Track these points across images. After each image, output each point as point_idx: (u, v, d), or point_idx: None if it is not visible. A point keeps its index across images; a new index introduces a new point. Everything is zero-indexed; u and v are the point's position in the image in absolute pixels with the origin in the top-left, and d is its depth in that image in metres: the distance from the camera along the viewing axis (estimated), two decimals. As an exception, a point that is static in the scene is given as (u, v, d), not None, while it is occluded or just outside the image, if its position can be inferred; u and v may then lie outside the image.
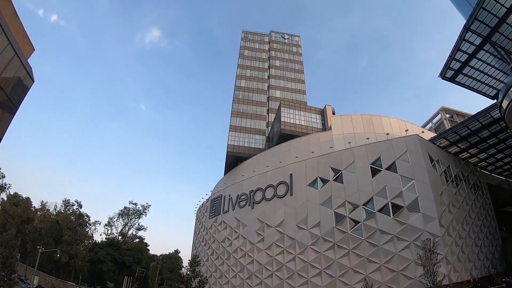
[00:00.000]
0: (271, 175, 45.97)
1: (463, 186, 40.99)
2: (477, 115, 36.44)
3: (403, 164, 36.18)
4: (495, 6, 28.71)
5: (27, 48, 22.94)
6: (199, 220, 65.45)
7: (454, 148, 40.98)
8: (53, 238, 65.76)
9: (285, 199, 42.68)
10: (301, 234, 39.34)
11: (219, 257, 51.28)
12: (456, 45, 33.01)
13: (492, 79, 34.30)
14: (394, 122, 51.13)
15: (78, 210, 76.08)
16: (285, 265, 39.88)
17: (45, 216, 73.71)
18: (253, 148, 64.74)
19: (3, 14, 18.46)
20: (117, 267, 71.48)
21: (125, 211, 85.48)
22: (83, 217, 76.03)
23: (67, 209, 75.72)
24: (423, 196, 34.08)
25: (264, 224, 43.80)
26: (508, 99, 30.59)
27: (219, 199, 54.94)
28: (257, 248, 43.85)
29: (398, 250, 33.33)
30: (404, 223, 33.77)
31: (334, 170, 39.64)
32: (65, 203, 76.54)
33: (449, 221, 34.76)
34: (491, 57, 34.37)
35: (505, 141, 40.50)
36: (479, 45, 32.84)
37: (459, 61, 34.63)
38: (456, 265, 33.38)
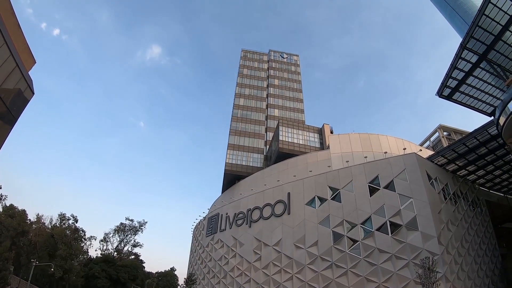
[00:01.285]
0: (269, 194, 45.86)
1: (462, 204, 40.81)
2: (474, 132, 36.41)
3: (401, 183, 36.16)
4: (490, 24, 29.29)
5: (29, 61, 23.21)
6: (195, 238, 64.92)
7: (452, 165, 40.92)
8: (47, 252, 64.81)
9: (282, 218, 42.45)
10: (298, 253, 38.97)
11: (216, 276, 50.66)
12: (452, 63, 33.50)
13: (489, 96, 34.72)
14: (392, 140, 51.38)
15: (74, 225, 75.33)
16: (282, 284, 39.34)
17: (40, 229, 72.72)
18: (251, 166, 64.78)
19: (6, 26, 18.77)
20: (112, 283, 70.31)
21: (121, 227, 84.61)
22: (78, 232, 75.22)
23: (62, 223, 74.93)
24: (422, 214, 33.95)
25: (262, 243, 43.43)
26: (505, 115, 30.68)
27: (216, 217, 54.62)
28: (254, 267, 43.34)
29: (397, 269, 33.01)
30: (403, 241, 33.55)
31: (332, 189, 39.61)
32: (60, 217, 75.79)
33: (448, 239, 34.52)
34: (487, 75, 34.86)
35: (502, 158, 40.43)
36: (476, 62, 33.37)
37: (456, 79, 35.10)
38: (455, 283, 32.92)
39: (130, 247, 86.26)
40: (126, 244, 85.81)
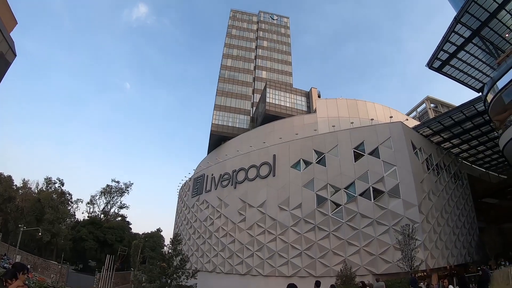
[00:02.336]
0: (255, 156, 45.91)
1: (444, 175, 41.73)
2: (461, 106, 36.86)
3: (386, 150, 36.49)
4: (486, 1, 28.85)
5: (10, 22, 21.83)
6: (181, 199, 65.41)
7: (437, 137, 41.57)
8: (35, 216, 64.82)
9: (267, 180, 42.77)
10: (282, 215, 39.64)
11: (201, 236, 51.57)
12: (445, 36, 33.19)
13: (479, 73, 34.78)
14: (379, 108, 51.44)
15: (60, 188, 75.02)
16: (266, 245, 40.29)
17: (27, 194, 72.22)
18: (237, 128, 64.37)
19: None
20: (99, 245, 71.18)
21: (107, 189, 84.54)
22: (65, 195, 75.05)
23: (49, 187, 74.49)
24: (404, 182, 34.57)
25: (246, 204, 43.99)
26: (493, 93, 31.23)
27: (201, 178, 54.84)
28: (239, 228, 44.15)
29: (378, 234, 33.95)
30: (385, 208, 34.34)
31: (318, 153, 39.74)
32: (47, 181, 75.25)
33: (428, 209, 35.48)
34: (479, 51, 34.78)
35: (487, 134, 41.27)
36: (468, 37, 33.16)
37: (447, 52, 34.90)
38: (433, 252, 34.23)
39: (116, 209, 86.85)
40: (113, 206, 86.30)
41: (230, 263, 44.40)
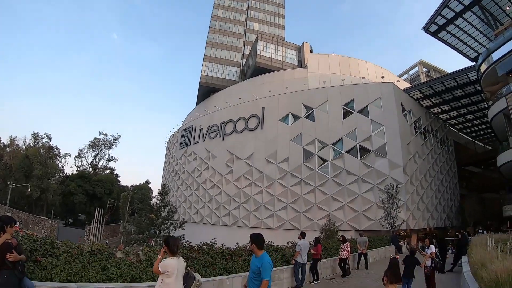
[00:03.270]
0: (243, 108, 45.43)
1: (431, 140, 42.28)
2: (454, 73, 36.88)
3: (375, 110, 36.46)
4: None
5: None
6: (169, 151, 65.50)
7: (426, 101, 41.72)
8: (23, 173, 64.16)
9: (255, 133, 42.66)
10: (269, 168, 39.99)
11: (189, 188, 52.18)
12: (444, 1, 32.36)
13: (474, 42, 34.47)
14: (371, 67, 50.90)
15: (48, 143, 73.72)
16: (253, 197, 40.98)
17: (15, 151, 71.24)
18: (227, 79, 63.23)
19: None
20: (88, 199, 71.41)
21: (95, 142, 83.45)
22: (53, 150, 73.89)
23: (36, 143, 73.21)
24: (391, 143, 34.94)
25: (234, 156, 44.11)
26: (487, 63, 31.38)
27: (190, 130, 54.54)
28: (226, 180, 44.61)
29: (362, 191, 34.72)
30: (370, 166, 34.89)
31: (307, 108, 39.47)
32: (34, 136, 73.79)
33: (413, 170, 36.22)
34: (477, 20, 34.25)
35: (477, 104, 41.85)
36: (468, 5, 32.60)
37: (445, 17, 34.27)
38: (415, 213, 35.39)
39: (105, 161, 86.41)
40: (101, 159, 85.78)
41: (217, 215, 45.35)
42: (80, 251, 6.91)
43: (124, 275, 7.13)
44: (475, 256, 10.69)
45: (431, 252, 10.32)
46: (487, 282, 6.89)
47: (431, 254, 10.24)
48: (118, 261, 7.29)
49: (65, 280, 6.34)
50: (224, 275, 9.22)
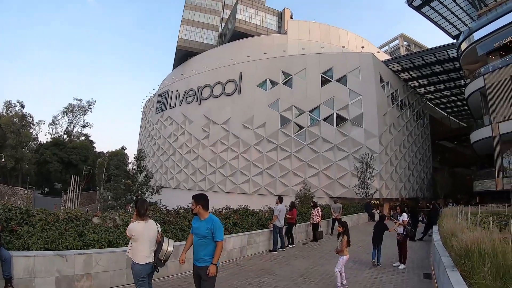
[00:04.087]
0: (221, 73, 44.63)
1: (407, 112, 42.88)
2: (434, 49, 37.43)
3: (353, 79, 36.49)
4: None
5: None
6: (145, 116, 64.38)
7: (405, 74, 42.15)
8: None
9: (232, 98, 42.23)
10: (246, 133, 39.94)
11: (165, 153, 51.85)
12: None
13: (457, 20, 34.56)
14: (352, 37, 50.67)
15: (21, 111, 70.47)
16: (229, 162, 41.05)
17: None
18: (205, 43, 61.42)
19: None
20: (64, 167, 69.64)
21: (69, 108, 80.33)
22: (26, 118, 70.70)
23: (9, 111, 69.87)
24: (368, 113, 35.26)
25: (210, 121, 43.76)
26: (468, 42, 31.99)
27: (166, 94, 53.55)
28: (202, 145, 44.45)
29: (337, 159, 35.22)
30: (346, 135, 35.28)
31: (285, 74, 39.12)
32: (6, 105, 70.13)
33: (388, 141, 36.93)
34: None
35: (454, 81, 42.78)
36: None
37: None
38: (388, 182, 36.36)
39: (79, 128, 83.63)
40: (76, 126, 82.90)
41: (193, 180, 45.41)
42: (57, 218, 6.78)
43: (102, 241, 7.08)
44: (445, 226, 10.99)
45: (403, 220, 10.55)
46: (457, 251, 7.12)
47: (403, 222, 10.49)
48: (95, 227, 7.21)
49: (42, 248, 6.23)
50: None
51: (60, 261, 5.92)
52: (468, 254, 6.43)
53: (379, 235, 10.34)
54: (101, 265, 6.51)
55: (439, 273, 7.47)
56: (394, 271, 9.52)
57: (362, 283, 8.14)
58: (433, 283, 8.20)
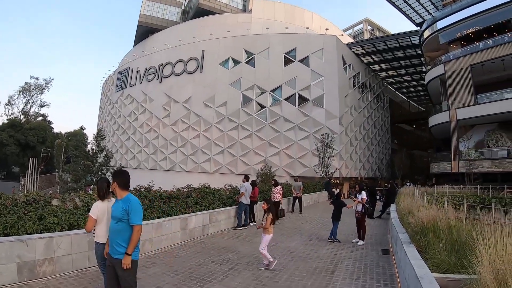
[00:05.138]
0: (183, 50, 43.56)
1: (368, 95, 43.90)
2: (397, 34, 38.55)
3: (316, 60, 36.72)
4: None
5: None
6: (105, 94, 62.14)
7: (367, 58, 43.02)
8: None
9: (194, 76, 41.39)
10: (207, 112, 39.47)
11: (125, 132, 50.52)
12: None
13: (422, 8, 35.14)
14: (316, 18, 50.68)
15: None
16: (190, 141, 40.59)
17: None
18: (167, 20, 59.25)
19: None
20: (21, 149, 66.15)
21: (26, 87, 76.32)
22: None
23: None
24: (329, 94, 35.76)
25: (171, 100, 42.87)
26: (431, 30, 33.15)
27: (126, 72, 51.76)
28: (163, 124, 43.62)
29: (298, 139, 35.63)
30: (308, 115, 35.68)
31: (248, 53, 38.75)
32: None
33: (348, 122, 37.73)
34: None
35: (416, 66, 44.17)
36: None
37: None
38: (348, 162, 37.34)
39: (37, 108, 79.57)
40: (33, 105, 78.84)
41: (154, 159, 44.64)
42: (15, 202, 6.35)
43: (62, 223, 6.74)
44: (403, 205, 11.38)
45: (362, 198, 10.73)
46: (414, 228, 7.36)
47: (362, 200, 10.65)
48: (55, 209, 6.82)
49: (1, 234, 5.85)
50: (162, 218, 9.12)
51: (21, 247, 5.58)
52: (424, 230, 6.66)
53: (338, 212, 10.55)
54: (63, 249, 6.25)
55: (396, 248, 7.74)
56: (354, 247, 9.77)
57: (322, 258, 8.28)
58: (391, 258, 8.44)
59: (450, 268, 4.85)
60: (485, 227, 4.52)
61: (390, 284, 6.25)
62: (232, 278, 6.39)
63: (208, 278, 6.31)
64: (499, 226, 4.38)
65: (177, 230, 9.36)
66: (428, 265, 4.87)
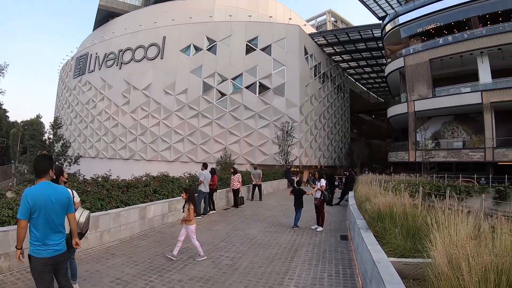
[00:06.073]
0: (143, 36, 42.45)
1: (328, 85, 44.69)
2: (360, 27, 39.41)
3: (278, 49, 36.87)
4: None
5: None
6: (62, 81, 59.63)
7: (329, 49, 43.74)
8: None
9: (154, 62, 40.50)
10: (167, 99, 38.83)
11: (83, 120, 48.90)
12: None
13: (385, 3, 35.88)
14: (280, 7, 50.63)
15: None
16: (149, 129, 39.94)
17: None
18: (128, 4, 56.85)
19: None
20: None
21: None
22: None
23: None
24: (290, 83, 36.08)
25: (131, 86, 41.80)
26: (393, 24, 34.17)
27: (85, 57, 49.89)
28: (122, 111, 42.58)
29: (259, 127, 35.80)
30: (268, 103, 35.85)
31: (209, 40, 38.31)
32: None
33: (309, 111, 38.29)
34: None
35: (376, 59, 45.44)
36: None
37: None
38: (307, 151, 37.96)
39: None
40: None
41: (113, 148, 43.64)
42: None
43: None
44: (360, 192, 11.65)
45: (321, 185, 10.82)
46: (371, 214, 7.51)
47: (321, 187, 10.74)
48: (9, 202, 6.39)
49: None
50: (120, 207, 8.81)
51: None
52: (380, 217, 6.80)
53: (299, 199, 10.61)
54: (19, 243, 5.88)
55: (354, 234, 7.83)
56: (313, 234, 9.85)
57: (282, 244, 8.32)
58: (349, 244, 8.57)
59: (406, 252, 5.01)
60: (439, 213, 4.68)
61: (349, 268, 6.38)
62: (191, 267, 6.34)
63: (168, 268, 6.25)
64: (452, 212, 4.50)
65: (136, 219, 9.13)
66: (385, 250, 4.99)
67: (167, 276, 5.79)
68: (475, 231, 4.17)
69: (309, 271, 6.18)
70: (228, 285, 5.42)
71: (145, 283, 5.41)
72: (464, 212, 4.48)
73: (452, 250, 3.54)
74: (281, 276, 5.88)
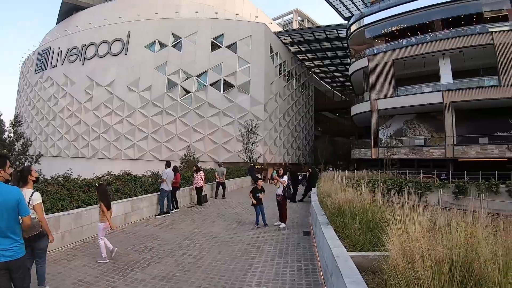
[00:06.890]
0: (108, 30, 41.42)
1: (293, 83, 45.38)
2: (325, 27, 40.26)
3: (244, 47, 37.11)
4: None
5: None
6: (23, 76, 57.34)
7: (295, 47, 44.35)
8: None
9: (119, 58, 39.63)
10: (131, 96, 38.15)
11: (45, 118, 47.25)
12: None
13: (351, 3, 36.68)
14: (247, 5, 50.60)
15: None
16: (113, 127, 39.17)
17: None
18: (94, -4, 56.03)
19: None
20: None
21: None
22: None
23: None
24: (255, 81, 36.39)
25: (94, 83, 40.72)
26: (358, 25, 35.14)
27: (47, 52, 48.21)
28: (85, 108, 41.45)
29: (223, 124, 35.88)
30: (233, 101, 36.01)
31: (175, 37, 37.95)
32: None
33: (273, 109, 38.68)
34: None
35: (341, 58, 46.36)
36: None
37: None
38: (272, 148, 38.35)
39: None
40: None
41: (75, 146, 42.50)
42: None
43: None
44: (322, 188, 11.84)
45: (283, 180, 10.92)
46: (331, 209, 7.67)
47: (282, 182, 10.83)
48: None
49: None
50: (82, 207, 8.61)
51: None
52: (341, 212, 6.97)
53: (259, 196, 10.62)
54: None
55: (316, 230, 7.97)
56: (276, 230, 9.95)
57: (245, 242, 8.36)
58: (311, 239, 8.69)
59: (366, 246, 5.16)
60: (397, 208, 4.84)
61: (311, 263, 6.50)
62: (154, 266, 6.31)
63: (131, 268, 6.19)
64: (410, 207, 4.65)
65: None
66: (345, 244, 5.13)
67: (129, 276, 5.78)
68: (431, 225, 4.32)
69: (272, 267, 6.30)
70: (191, 283, 5.46)
71: (108, 283, 5.39)
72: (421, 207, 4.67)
73: (406, 243, 3.64)
74: (244, 273, 5.97)
